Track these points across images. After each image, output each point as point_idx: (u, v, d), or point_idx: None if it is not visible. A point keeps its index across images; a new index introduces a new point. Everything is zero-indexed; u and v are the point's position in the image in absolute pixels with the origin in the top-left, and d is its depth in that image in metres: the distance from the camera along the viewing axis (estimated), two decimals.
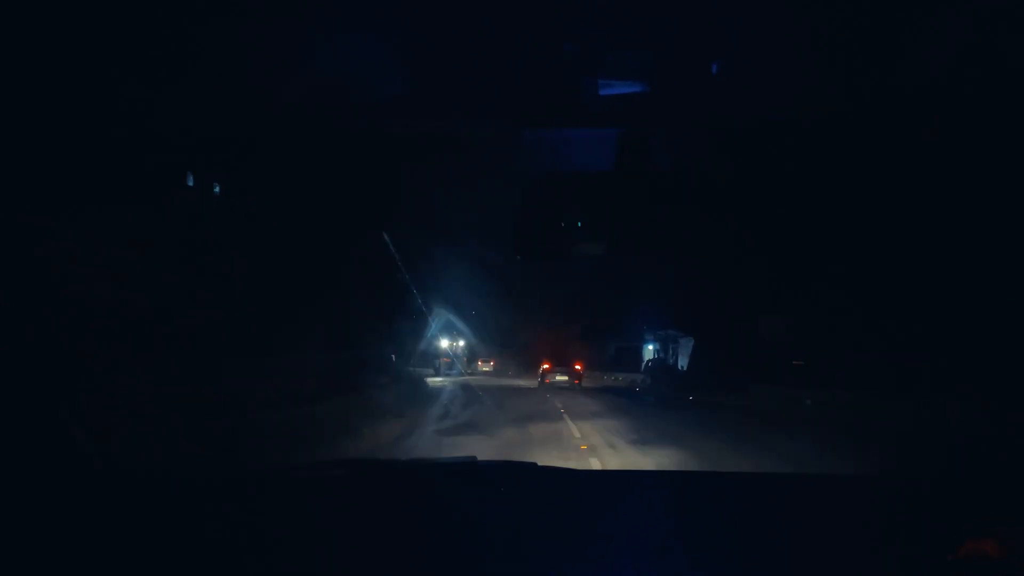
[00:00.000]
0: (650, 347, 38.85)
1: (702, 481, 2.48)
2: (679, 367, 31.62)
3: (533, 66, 1.70)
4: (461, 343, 51.17)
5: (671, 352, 34.61)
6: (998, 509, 1.94)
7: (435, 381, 29.78)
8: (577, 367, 33.13)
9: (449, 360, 45.03)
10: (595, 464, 7.18)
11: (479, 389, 23.74)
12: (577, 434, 9.83)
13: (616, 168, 1.64)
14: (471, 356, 52.78)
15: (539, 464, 2.30)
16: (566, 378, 31.76)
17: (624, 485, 2.36)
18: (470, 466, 2.30)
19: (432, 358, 43.85)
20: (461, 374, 43.12)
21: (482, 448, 9.11)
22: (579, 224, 1.71)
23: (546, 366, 33.01)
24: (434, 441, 9.53)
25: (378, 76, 1.85)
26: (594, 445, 8.62)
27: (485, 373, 47.64)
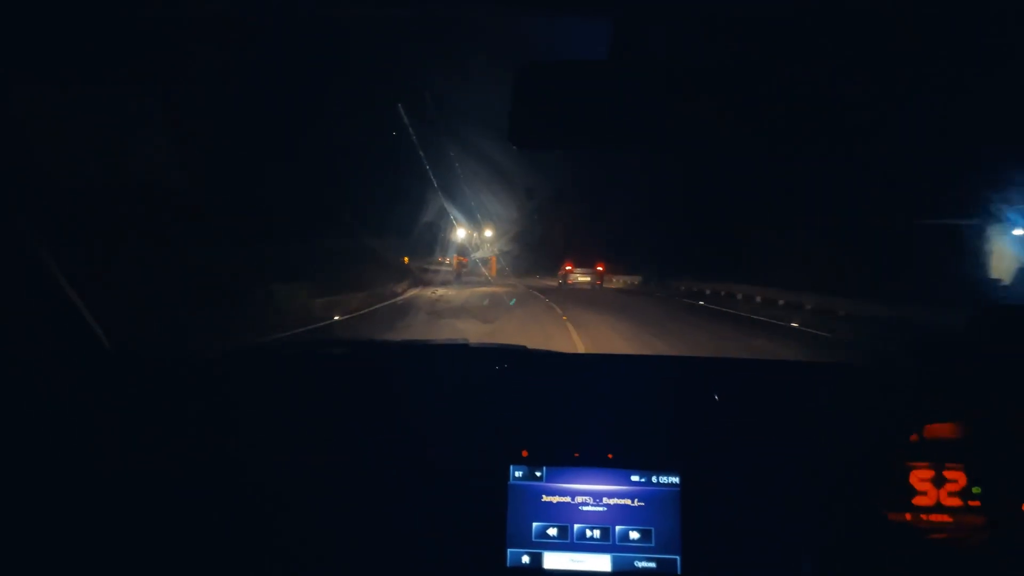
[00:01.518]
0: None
1: (691, 365, 2.57)
2: None
3: None
4: (488, 233, 41.22)
5: None
6: (959, 396, 2.03)
7: (434, 294, 23.25)
8: (599, 268, 33.70)
9: (466, 260, 34.74)
10: None
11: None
12: None
13: (611, 57, 1.61)
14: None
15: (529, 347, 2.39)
16: (588, 279, 32.61)
17: (614, 367, 2.46)
18: (462, 348, 2.39)
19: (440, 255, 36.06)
20: (488, 282, 32.19)
21: None
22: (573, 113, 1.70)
23: (568, 267, 33.56)
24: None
25: None
26: None
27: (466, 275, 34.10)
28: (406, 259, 31.45)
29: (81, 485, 1.87)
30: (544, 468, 1.98)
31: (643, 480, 1.96)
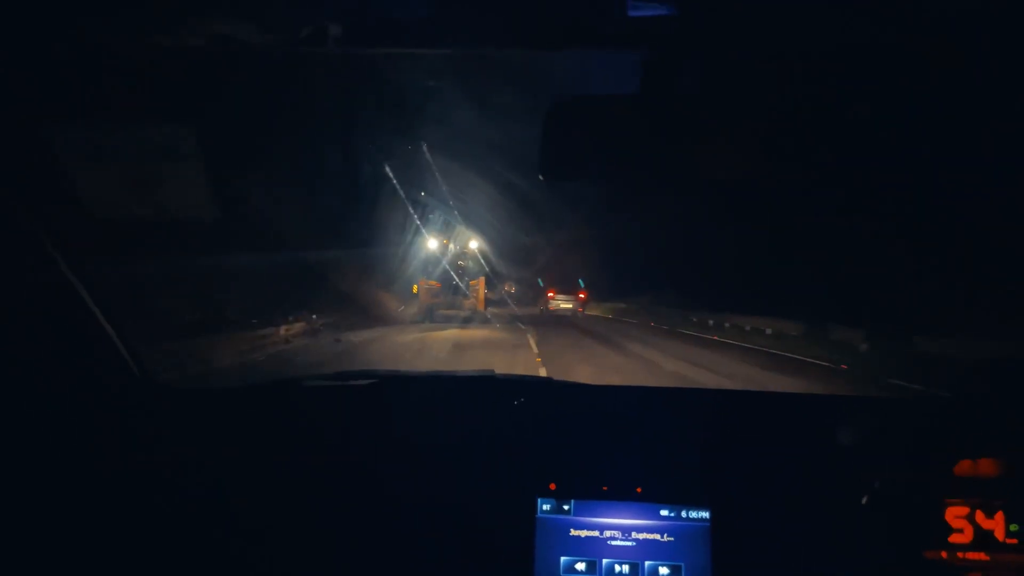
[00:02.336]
0: None
1: (720, 397, 2.55)
2: None
3: None
4: (474, 244, 27.01)
5: None
6: (996, 432, 1.99)
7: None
8: (581, 296, 33.83)
9: (437, 285, 23.42)
10: None
11: None
12: None
13: (643, 92, 1.63)
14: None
15: (554, 379, 2.39)
16: (570, 306, 32.67)
17: (642, 399, 2.45)
18: (488, 379, 2.40)
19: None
20: (473, 318, 23.12)
21: None
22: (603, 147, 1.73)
23: (550, 294, 33.81)
24: None
25: None
26: None
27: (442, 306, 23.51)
28: (416, 287, 22.07)
29: (107, 509, 1.90)
30: (572, 501, 1.97)
31: (673, 515, 1.94)
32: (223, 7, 1.90)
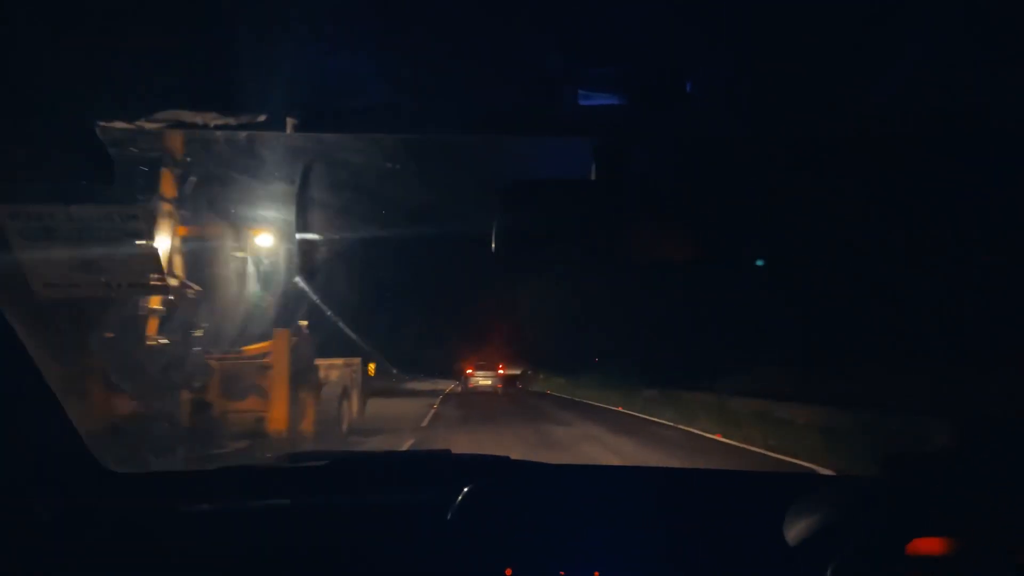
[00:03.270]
0: None
1: (677, 477, 2.54)
2: None
3: (514, 77, 1.75)
4: (267, 241, 10.62)
5: None
6: (949, 507, 2.01)
7: None
8: (500, 371, 33.19)
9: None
10: None
11: None
12: None
13: (594, 177, 1.70)
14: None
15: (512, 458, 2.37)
16: (489, 382, 31.94)
17: (600, 479, 2.43)
18: (443, 460, 2.36)
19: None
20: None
21: None
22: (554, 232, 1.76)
23: (469, 370, 33.18)
24: None
25: (355, 80, 1.88)
26: None
27: None
28: None
29: None
30: None
31: None
32: (181, 95, 1.94)
